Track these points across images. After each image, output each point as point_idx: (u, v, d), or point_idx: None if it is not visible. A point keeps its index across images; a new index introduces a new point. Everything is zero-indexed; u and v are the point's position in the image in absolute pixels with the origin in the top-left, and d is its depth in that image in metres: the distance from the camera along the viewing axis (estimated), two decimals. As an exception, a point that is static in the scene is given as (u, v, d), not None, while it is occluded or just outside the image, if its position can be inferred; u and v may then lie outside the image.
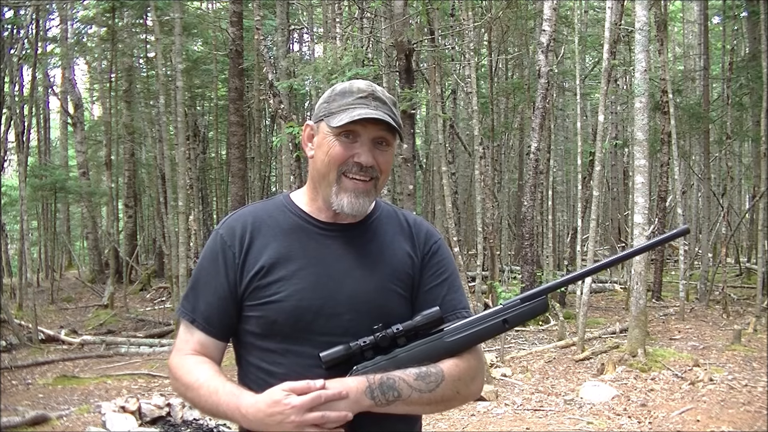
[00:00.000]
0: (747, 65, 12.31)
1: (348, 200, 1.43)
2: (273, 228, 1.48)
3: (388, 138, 1.45)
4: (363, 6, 11.68)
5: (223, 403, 1.36)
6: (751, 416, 5.15)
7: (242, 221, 1.49)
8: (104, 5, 14.89)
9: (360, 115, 1.39)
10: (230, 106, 12.43)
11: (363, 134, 1.42)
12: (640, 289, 7.11)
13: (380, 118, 1.40)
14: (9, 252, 17.38)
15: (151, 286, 15.75)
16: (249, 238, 1.46)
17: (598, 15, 15.33)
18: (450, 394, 1.39)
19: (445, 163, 10.63)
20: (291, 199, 1.54)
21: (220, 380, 1.39)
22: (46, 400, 6.83)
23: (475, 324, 1.41)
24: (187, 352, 1.46)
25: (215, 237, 1.49)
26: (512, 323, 1.44)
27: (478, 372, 1.45)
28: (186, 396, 1.45)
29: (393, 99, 1.49)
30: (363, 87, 1.45)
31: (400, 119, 1.48)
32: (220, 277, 1.45)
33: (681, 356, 6.95)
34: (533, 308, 1.44)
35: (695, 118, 13.01)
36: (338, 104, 1.43)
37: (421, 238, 1.53)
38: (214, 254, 1.47)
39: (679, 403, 5.55)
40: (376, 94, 1.44)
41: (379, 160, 1.44)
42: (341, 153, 1.43)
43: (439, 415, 5.60)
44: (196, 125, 18.29)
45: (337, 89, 1.47)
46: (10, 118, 12.86)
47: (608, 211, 18.17)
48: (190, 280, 1.53)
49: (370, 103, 1.42)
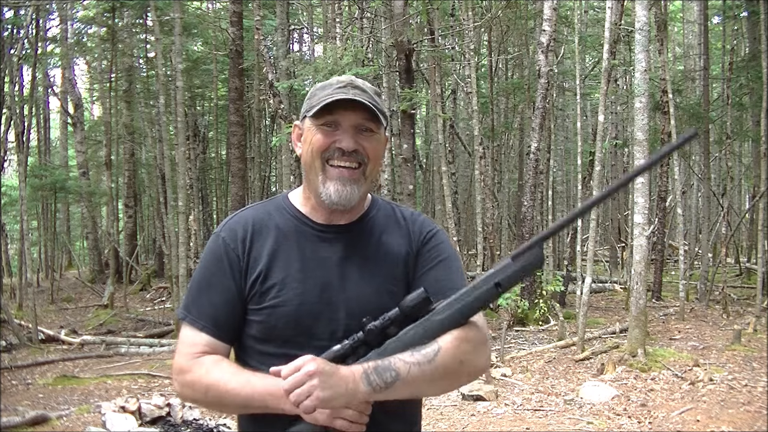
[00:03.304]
0: (747, 65, 12.31)
1: (335, 188, 1.41)
2: (272, 230, 1.47)
3: (370, 124, 1.43)
4: (363, 6, 11.67)
5: (259, 388, 1.32)
6: (751, 416, 5.15)
7: (243, 223, 1.48)
8: (104, 5, 14.91)
9: (333, 97, 1.39)
10: (230, 106, 12.43)
11: (343, 122, 1.42)
12: (640, 289, 7.11)
13: (359, 102, 1.39)
14: (9, 252, 17.38)
15: (151, 286, 15.75)
16: (250, 241, 1.45)
17: (598, 15, 15.33)
18: (453, 365, 1.31)
19: (445, 163, 10.63)
20: (289, 199, 1.53)
21: (248, 372, 1.36)
22: (46, 400, 6.83)
23: (466, 295, 1.32)
24: (198, 354, 1.41)
25: (217, 240, 1.48)
26: (506, 285, 1.32)
27: (479, 341, 1.35)
28: (207, 397, 1.38)
29: (375, 89, 1.48)
30: (342, 78, 1.46)
31: (384, 108, 1.46)
32: (227, 280, 1.43)
33: (681, 356, 6.95)
34: (525, 264, 1.32)
35: (695, 118, 13.01)
36: (318, 97, 1.43)
37: (416, 230, 1.52)
38: (217, 257, 1.46)
39: (679, 403, 5.55)
40: (354, 83, 1.44)
41: (364, 145, 1.42)
42: (322, 140, 1.42)
43: (439, 415, 5.60)
44: (196, 125, 18.30)
45: (318, 86, 1.48)
46: (10, 118, 12.86)
47: (608, 211, 18.17)
48: (191, 284, 1.50)
49: (348, 91, 1.41)
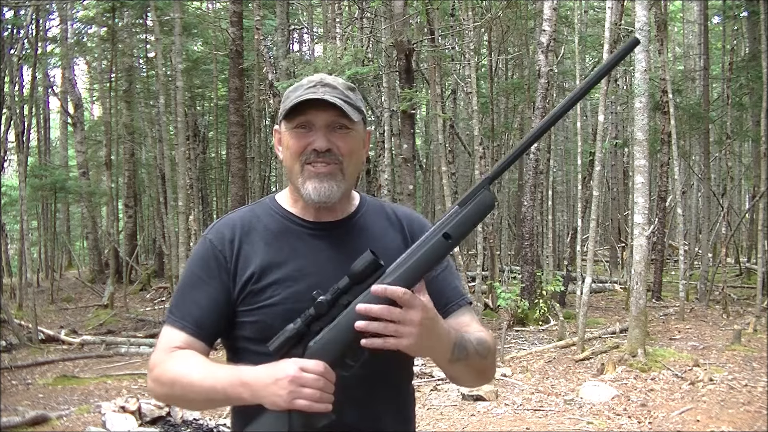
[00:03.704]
0: (747, 65, 12.31)
1: (313, 186, 1.41)
2: (262, 232, 1.47)
3: (343, 121, 1.42)
4: (363, 6, 11.68)
5: (222, 377, 1.30)
6: (751, 416, 5.15)
7: (231, 226, 1.48)
8: (104, 5, 14.89)
9: (300, 98, 1.39)
10: (230, 106, 12.43)
11: (316, 122, 1.41)
12: (640, 289, 7.11)
13: (326, 101, 1.38)
14: (9, 252, 17.38)
15: (151, 286, 15.75)
16: (238, 243, 1.45)
17: (598, 15, 15.33)
18: (490, 366, 1.44)
19: (445, 163, 10.62)
20: (276, 201, 1.53)
21: (216, 364, 1.34)
22: (46, 400, 6.83)
23: (413, 253, 1.26)
24: (172, 350, 1.39)
25: (204, 242, 1.48)
26: (456, 235, 1.25)
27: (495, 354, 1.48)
28: (174, 390, 1.36)
29: (348, 84, 1.47)
30: (313, 78, 1.45)
31: (358, 102, 1.45)
32: (213, 281, 1.43)
33: (681, 356, 6.95)
34: (475, 209, 1.24)
35: (695, 118, 13.02)
36: (290, 100, 1.42)
37: (414, 228, 1.52)
38: (204, 259, 1.46)
39: (679, 403, 5.55)
40: (325, 81, 1.43)
41: (338, 144, 1.41)
42: (297, 144, 1.42)
43: (439, 415, 5.61)
44: (196, 125, 18.29)
45: (291, 87, 1.47)
46: (10, 118, 12.86)
47: (608, 211, 18.18)
48: (177, 286, 1.50)
49: (317, 90, 1.40)
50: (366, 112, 1.51)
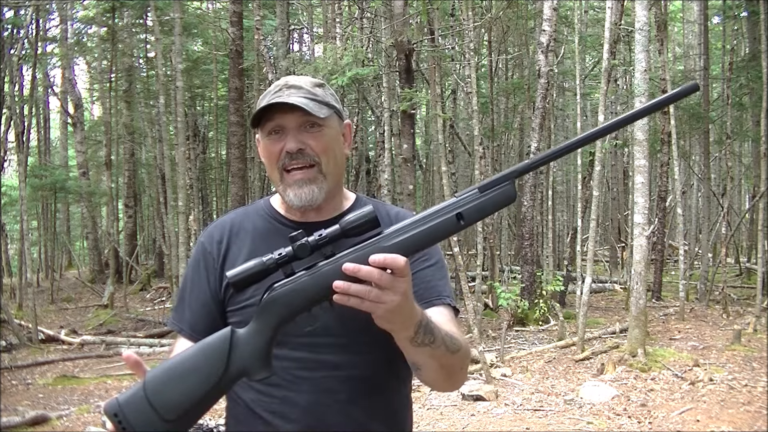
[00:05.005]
0: (747, 65, 12.31)
1: (294, 193, 1.40)
2: (250, 232, 1.48)
3: (313, 119, 1.39)
4: (363, 6, 11.68)
5: None
6: (751, 416, 5.15)
7: (221, 227, 1.51)
8: (104, 5, 14.89)
9: (264, 103, 1.39)
10: (230, 106, 12.42)
11: (287, 125, 1.40)
12: (640, 289, 7.11)
13: (286, 102, 1.36)
14: (9, 252, 17.38)
15: (151, 286, 15.75)
16: (227, 243, 1.47)
17: (598, 15, 15.33)
18: (458, 366, 1.36)
19: (445, 163, 10.59)
20: (269, 202, 1.54)
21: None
22: (46, 400, 6.83)
23: (422, 222, 1.16)
24: None
25: (197, 245, 1.52)
26: (469, 218, 1.16)
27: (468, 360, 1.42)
28: None
29: (316, 81, 1.46)
30: (279, 82, 1.45)
31: (326, 98, 1.43)
32: (203, 282, 1.46)
33: (681, 356, 6.95)
34: (495, 198, 1.16)
35: (695, 118, 13.01)
36: (259, 109, 1.41)
37: None
38: (196, 262, 1.49)
39: (679, 403, 5.55)
40: (290, 83, 1.42)
41: (310, 143, 1.39)
42: (270, 150, 1.41)
43: (439, 415, 5.60)
44: (196, 125, 18.29)
45: (261, 96, 1.46)
46: (10, 118, 12.85)
47: (608, 211, 18.17)
48: (177, 291, 1.55)
49: (283, 93, 1.39)
50: (340, 105, 1.48)
